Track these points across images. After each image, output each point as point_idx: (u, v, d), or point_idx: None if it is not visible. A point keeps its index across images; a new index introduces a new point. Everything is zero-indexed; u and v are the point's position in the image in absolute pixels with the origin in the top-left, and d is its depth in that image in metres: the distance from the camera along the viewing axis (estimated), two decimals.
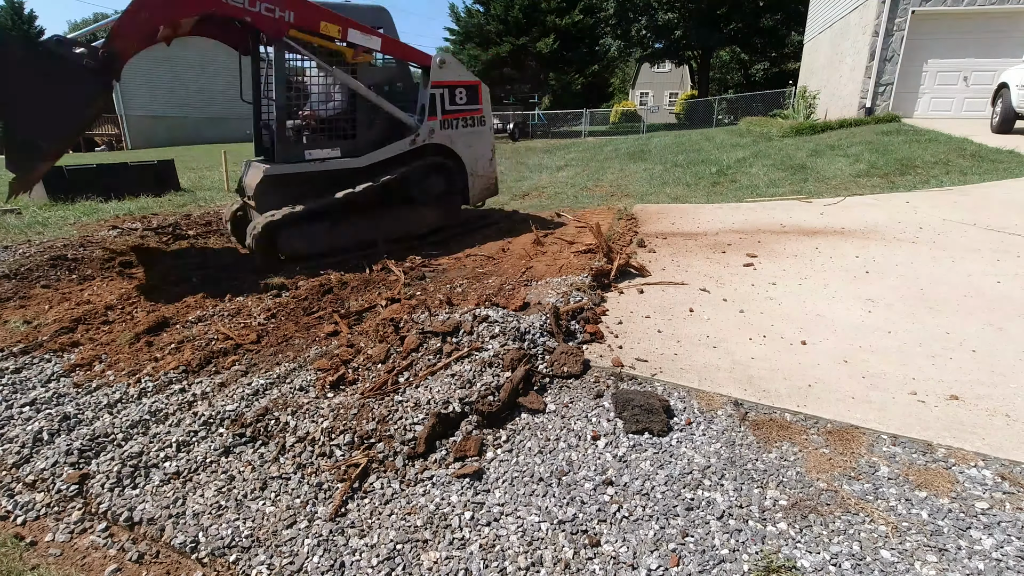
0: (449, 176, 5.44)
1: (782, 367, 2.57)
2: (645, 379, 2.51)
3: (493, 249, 4.97)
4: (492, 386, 2.38)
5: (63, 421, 2.39)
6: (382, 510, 1.87)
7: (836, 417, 2.17)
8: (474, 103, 5.44)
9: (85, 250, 5.03)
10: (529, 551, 1.66)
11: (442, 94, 5.17)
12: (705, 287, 3.62)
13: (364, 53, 4.76)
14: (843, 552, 1.58)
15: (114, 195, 8.19)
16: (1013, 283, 3.47)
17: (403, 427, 2.18)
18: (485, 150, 5.64)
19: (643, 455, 2.04)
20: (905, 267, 3.85)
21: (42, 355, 3.02)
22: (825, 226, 5.02)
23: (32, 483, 2.07)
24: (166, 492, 1.99)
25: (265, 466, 2.10)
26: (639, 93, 49.66)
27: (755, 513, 1.75)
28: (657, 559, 1.60)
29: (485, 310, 2.95)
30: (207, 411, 2.41)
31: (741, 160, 9.33)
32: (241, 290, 3.95)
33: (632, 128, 24.80)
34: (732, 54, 38.37)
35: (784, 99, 20.83)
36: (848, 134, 10.61)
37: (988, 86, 10.55)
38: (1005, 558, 1.54)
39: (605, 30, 30.31)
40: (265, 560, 1.70)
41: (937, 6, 11.41)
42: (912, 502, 1.75)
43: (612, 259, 3.95)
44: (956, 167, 7.10)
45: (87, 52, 3.65)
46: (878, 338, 2.82)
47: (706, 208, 6.19)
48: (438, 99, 5.15)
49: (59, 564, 1.73)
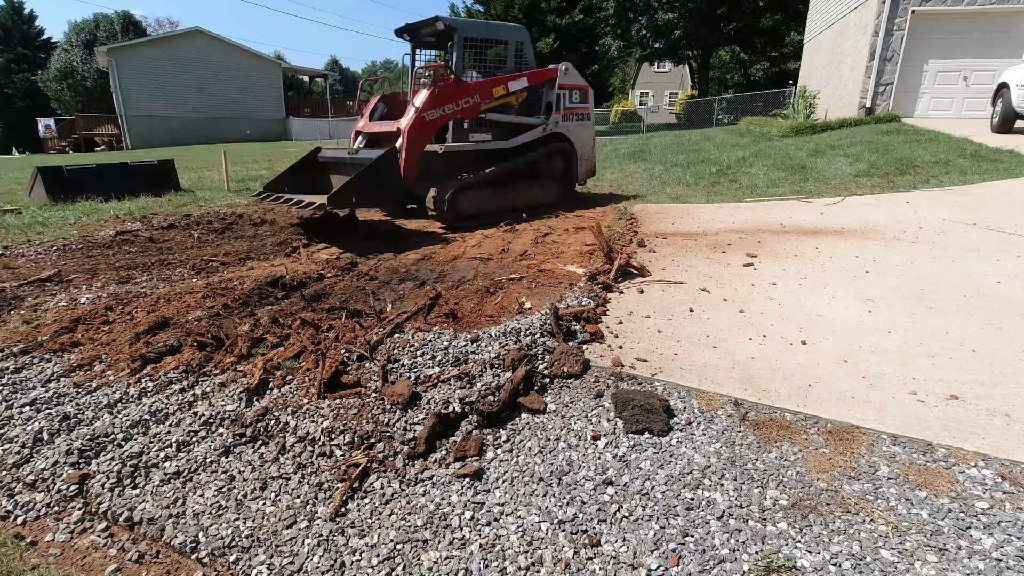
0: (567, 158, 7.16)
1: (782, 367, 2.57)
2: (645, 379, 2.51)
3: (494, 248, 4.97)
4: (492, 386, 2.38)
5: (63, 421, 2.39)
6: (382, 510, 1.87)
7: (836, 417, 2.17)
8: (584, 102, 7.19)
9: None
10: (529, 551, 1.66)
11: (564, 94, 6.96)
12: (705, 287, 3.62)
13: (522, 93, 6.63)
14: (843, 552, 1.58)
15: (114, 195, 8.19)
16: (1013, 283, 3.47)
17: (403, 427, 2.18)
18: (589, 139, 7.36)
19: (643, 455, 2.04)
20: (905, 267, 3.84)
21: (42, 355, 3.02)
22: (825, 226, 5.02)
23: (32, 483, 2.07)
24: (166, 492, 1.99)
25: (265, 466, 2.10)
26: (639, 93, 49.66)
27: (755, 513, 1.75)
28: (657, 559, 1.60)
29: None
30: (207, 411, 2.42)
31: (741, 160, 9.32)
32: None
33: (632, 128, 24.79)
34: (732, 54, 38.34)
35: (784, 99, 20.82)
36: (848, 134, 10.61)
37: (988, 86, 10.55)
38: (1005, 558, 1.54)
39: (605, 30, 30.26)
40: (265, 560, 1.70)
41: (937, 6, 11.41)
42: (912, 502, 1.75)
43: (612, 259, 3.95)
44: (956, 167, 7.10)
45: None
46: (878, 338, 2.82)
47: (706, 208, 6.19)
48: (562, 98, 6.93)
49: (59, 564, 1.73)
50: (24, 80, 37.56)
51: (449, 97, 5.88)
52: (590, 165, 7.49)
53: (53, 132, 29.99)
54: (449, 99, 5.88)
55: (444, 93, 5.83)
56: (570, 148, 7.10)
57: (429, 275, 4.28)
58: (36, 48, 39.48)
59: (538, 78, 6.77)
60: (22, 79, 37.67)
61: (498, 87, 6.29)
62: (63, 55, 34.54)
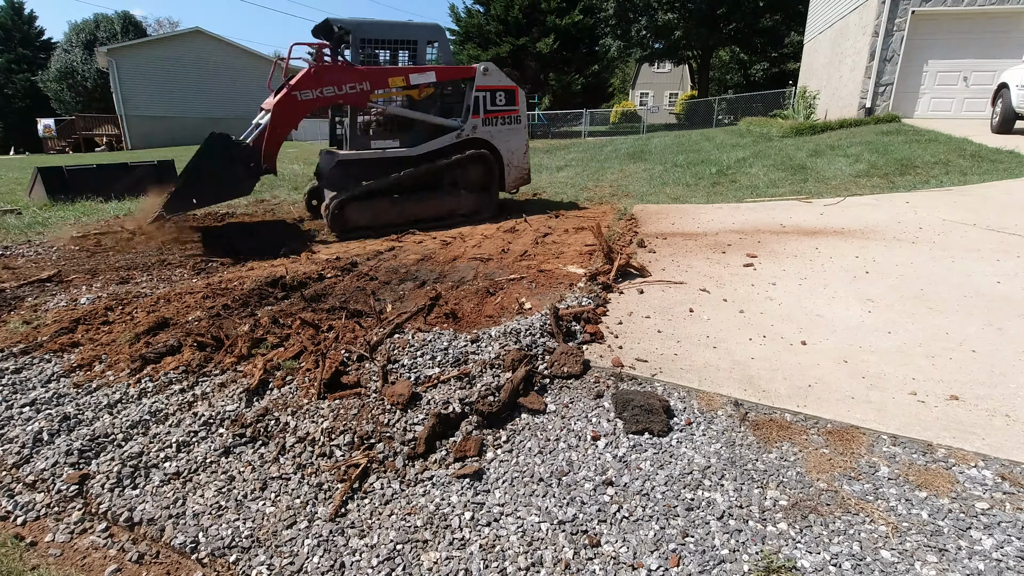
0: (488, 166, 6.51)
1: (782, 367, 2.57)
2: (645, 379, 2.51)
3: (494, 249, 4.97)
4: (492, 386, 2.38)
5: (63, 421, 2.39)
6: (382, 510, 1.87)
7: (836, 417, 2.17)
8: (511, 104, 6.55)
9: None
10: (529, 551, 1.66)
11: (484, 96, 6.33)
12: (705, 287, 3.62)
13: (427, 88, 6.03)
14: (843, 552, 1.58)
15: (114, 195, 8.19)
16: (1013, 283, 3.47)
17: (403, 427, 2.18)
18: (519, 144, 6.72)
19: (643, 455, 2.04)
20: (905, 267, 3.85)
21: (42, 355, 3.02)
22: (825, 226, 5.02)
23: (32, 483, 2.07)
24: (166, 492, 1.99)
25: (265, 466, 2.10)
26: (639, 93, 49.68)
27: (755, 513, 1.75)
28: (657, 559, 1.60)
29: None
30: (207, 411, 2.41)
31: (741, 160, 9.32)
32: None
33: (632, 128, 24.79)
34: (732, 54, 38.36)
35: (784, 99, 20.83)
36: (848, 134, 10.61)
37: (988, 86, 10.55)
38: (1005, 558, 1.54)
39: (605, 30, 30.29)
40: (265, 560, 1.70)
41: (937, 6, 11.41)
42: (912, 502, 1.75)
43: (612, 259, 3.95)
44: (956, 167, 7.10)
45: (251, 154, 5.35)
46: (878, 338, 2.82)
47: (706, 208, 6.19)
48: (480, 101, 6.30)
49: (59, 564, 1.73)
50: (24, 80, 37.55)
51: (330, 80, 5.39)
52: (522, 173, 6.87)
53: (53, 132, 30.00)
54: (330, 82, 5.39)
55: (323, 74, 5.37)
56: (492, 155, 6.48)
57: (429, 275, 4.28)
58: (36, 48, 39.47)
59: (449, 75, 6.18)
60: (22, 79, 37.66)
61: (396, 77, 5.69)
62: (63, 55, 34.51)
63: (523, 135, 6.74)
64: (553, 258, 4.57)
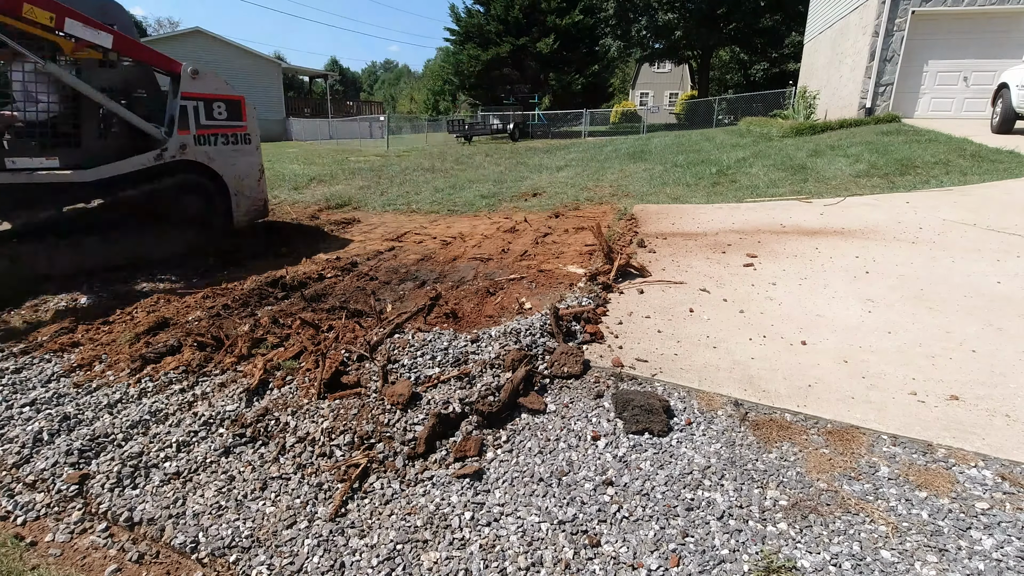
0: (206, 196, 5.02)
1: (782, 367, 2.57)
2: (645, 379, 2.51)
3: (494, 249, 4.97)
4: (492, 386, 2.38)
5: (63, 421, 2.39)
6: (382, 510, 1.87)
7: (836, 417, 2.17)
8: (236, 119, 5.04)
9: None
10: (529, 551, 1.66)
11: (196, 107, 4.72)
12: (705, 287, 3.62)
13: (90, 49, 4.14)
14: (843, 552, 1.58)
15: None
16: (1013, 283, 3.47)
17: (403, 427, 2.18)
18: (250, 169, 5.23)
19: (643, 455, 2.04)
20: (905, 267, 3.85)
21: (42, 355, 3.02)
22: (825, 226, 5.02)
23: (32, 483, 2.07)
24: (166, 492, 1.99)
25: (265, 466, 2.10)
26: (639, 93, 49.71)
27: (755, 513, 1.75)
28: (657, 559, 1.60)
29: None
30: (207, 411, 2.42)
31: (741, 160, 9.32)
32: None
33: (632, 128, 24.79)
34: (732, 54, 38.38)
35: (784, 99, 20.83)
36: (848, 134, 10.61)
37: (988, 86, 10.55)
38: (1005, 558, 1.54)
39: (605, 30, 30.33)
40: (265, 560, 1.70)
41: (937, 6, 11.42)
42: (912, 502, 1.75)
43: (612, 259, 3.95)
44: (956, 167, 7.10)
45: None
46: (878, 338, 2.82)
47: (706, 208, 6.19)
48: (190, 112, 4.68)
49: (59, 564, 1.73)
50: None
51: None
52: (256, 204, 5.35)
53: None
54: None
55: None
56: (210, 183, 4.96)
57: (429, 275, 4.29)
58: None
59: (136, 53, 4.41)
60: None
61: (38, 6, 3.77)
62: None
63: (255, 157, 5.26)
64: (553, 258, 4.57)
